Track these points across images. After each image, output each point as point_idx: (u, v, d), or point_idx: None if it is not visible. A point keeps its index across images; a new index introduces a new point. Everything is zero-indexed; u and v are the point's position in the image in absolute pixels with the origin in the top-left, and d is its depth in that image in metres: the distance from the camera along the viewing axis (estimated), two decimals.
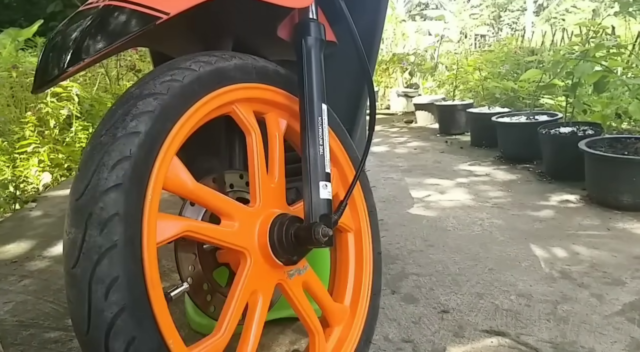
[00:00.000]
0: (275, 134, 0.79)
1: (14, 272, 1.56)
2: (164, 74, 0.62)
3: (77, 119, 2.66)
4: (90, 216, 0.52)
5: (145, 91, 0.60)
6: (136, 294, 0.52)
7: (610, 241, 1.64)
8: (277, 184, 0.77)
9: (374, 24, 1.07)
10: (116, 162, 0.54)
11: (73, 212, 0.53)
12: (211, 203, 0.67)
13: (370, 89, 0.87)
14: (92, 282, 0.50)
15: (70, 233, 0.52)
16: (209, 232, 0.65)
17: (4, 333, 1.19)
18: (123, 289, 0.51)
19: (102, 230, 0.51)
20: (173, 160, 0.61)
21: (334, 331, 0.89)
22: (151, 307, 0.54)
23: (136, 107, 0.58)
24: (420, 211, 2.06)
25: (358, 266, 0.95)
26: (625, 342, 1.07)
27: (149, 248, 0.55)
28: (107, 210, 0.52)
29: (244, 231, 0.69)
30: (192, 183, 0.64)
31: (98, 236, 0.51)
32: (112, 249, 0.51)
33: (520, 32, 6.63)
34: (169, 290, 0.65)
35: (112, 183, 0.53)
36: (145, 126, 0.57)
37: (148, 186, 0.56)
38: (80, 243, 0.51)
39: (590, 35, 2.73)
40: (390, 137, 4.03)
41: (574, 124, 2.52)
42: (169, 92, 0.61)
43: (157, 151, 0.58)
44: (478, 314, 1.21)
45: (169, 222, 0.60)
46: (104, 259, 0.51)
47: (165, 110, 0.60)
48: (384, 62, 5.63)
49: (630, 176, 1.87)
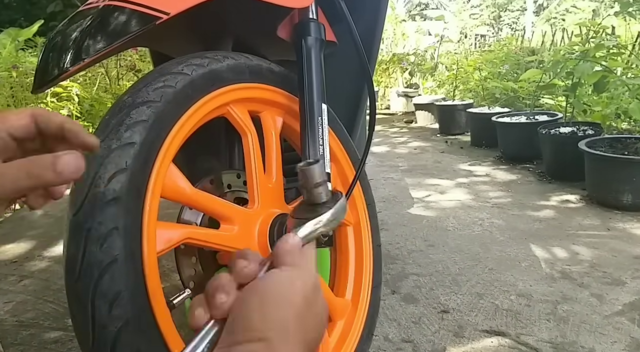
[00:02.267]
0: (271, 132, 0.78)
1: (13, 272, 1.56)
2: (156, 80, 0.61)
3: (77, 119, 2.66)
4: (89, 231, 0.51)
5: (138, 99, 0.58)
6: (139, 307, 0.52)
7: (610, 240, 1.64)
8: (274, 184, 0.77)
9: (374, 23, 1.07)
10: (112, 175, 0.53)
11: (71, 227, 0.52)
12: (210, 208, 0.67)
13: (370, 89, 0.87)
14: (95, 298, 0.50)
15: (69, 248, 0.52)
16: (208, 237, 0.65)
17: (4, 333, 1.19)
18: (126, 303, 0.51)
19: (101, 245, 0.51)
20: (170, 168, 0.60)
21: (336, 325, 0.90)
22: (155, 318, 0.54)
23: (130, 116, 0.57)
24: (420, 211, 2.06)
25: (358, 259, 0.96)
26: (626, 342, 1.07)
27: (149, 260, 0.54)
28: (106, 225, 0.51)
29: (244, 233, 0.69)
30: (189, 189, 0.63)
31: (98, 252, 0.50)
32: (113, 264, 0.51)
33: (520, 32, 6.64)
34: (170, 297, 0.65)
35: (109, 197, 0.52)
36: (140, 136, 0.56)
37: (146, 197, 0.56)
38: (81, 259, 0.50)
39: (591, 35, 2.73)
40: (390, 137, 4.03)
41: (574, 124, 2.52)
42: (163, 99, 0.59)
43: (154, 161, 0.57)
44: (478, 314, 1.21)
45: (168, 230, 0.60)
46: (106, 274, 0.50)
47: (160, 118, 0.58)
48: (384, 62, 5.63)
49: (630, 175, 1.87)
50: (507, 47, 4.55)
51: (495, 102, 3.65)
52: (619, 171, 1.92)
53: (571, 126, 2.48)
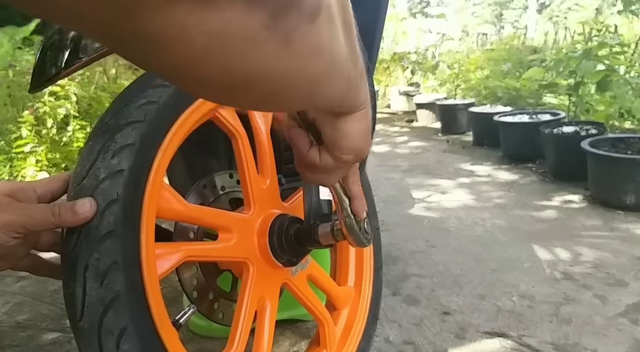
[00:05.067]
0: (261, 130, 0.76)
1: (11, 274, 1.55)
2: (137, 97, 0.57)
3: (75, 118, 2.65)
4: (87, 268, 0.50)
5: (121, 121, 0.55)
6: (147, 337, 0.52)
7: (613, 241, 1.63)
8: (269, 184, 0.75)
9: (374, 22, 1.05)
10: (104, 207, 0.51)
11: (68, 263, 0.51)
12: (206, 221, 0.66)
13: (371, 88, 0.86)
14: (101, 335, 0.49)
15: (69, 286, 0.51)
16: (208, 252, 0.65)
17: (1, 334, 1.18)
18: (133, 336, 0.50)
19: (102, 282, 0.50)
20: (161, 188, 0.58)
21: (341, 313, 0.90)
22: (164, 346, 0.54)
23: (114, 141, 0.54)
24: (421, 211, 2.05)
25: None
26: (629, 343, 1.06)
27: (152, 288, 0.53)
28: (104, 260, 0.50)
29: (243, 241, 0.68)
30: (184, 207, 0.62)
31: (99, 288, 0.49)
32: (115, 299, 0.50)
33: (523, 31, 6.62)
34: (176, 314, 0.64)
35: (104, 231, 0.50)
36: (128, 162, 0.53)
37: (141, 224, 0.54)
38: (82, 296, 0.49)
39: (593, 34, 2.71)
40: (391, 136, 4.01)
41: (576, 123, 2.50)
42: (147, 118, 0.56)
43: (145, 184, 0.55)
44: (480, 316, 1.20)
45: (167, 254, 0.59)
46: (109, 310, 0.49)
47: (146, 139, 0.55)
48: (384, 60, 5.61)
49: (633, 175, 1.86)
50: (509, 45, 4.52)
51: (497, 101, 3.63)
52: (622, 171, 1.91)
53: (574, 125, 2.47)
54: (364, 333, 0.91)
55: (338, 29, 0.30)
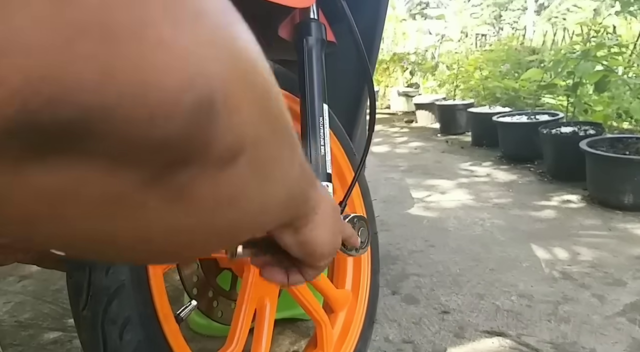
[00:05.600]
0: None
1: (12, 273, 1.56)
2: None
3: None
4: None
5: None
6: (150, 329, 0.52)
7: (611, 241, 1.63)
8: None
9: (374, 23, 1.06)
10: None
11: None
12: None
13: (371, 89, 0.86)
14: (105, 325, 0.49)
15: (73, 276, 0.51)
16: None
17: (3, 334, 1.19)
18: (136, 326, 0.51)
19: (107, 271, 0.50)
20: None
21: (338, 316, 0.91)
22: (166, 339, 0.54)
23: None
24: (420, 211, 2.05)
25: None
26: (627, 342, 1.07)
27: (156, 281, 0.54)
28: None
29: None
30: None
31: (104, 278, 0.50)
32: (120, 289, 0.50)
33: (521, 32, 6.63)
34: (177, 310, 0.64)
35: None
36: None
37: None
38: (87, 285, 0.50)
39: (592, 35, 2.72)
40: (391, 137, 4.02)
41: (575, 123, 2.51)
42: None
43: None
44: (479, 315, 1.21)
45: None
46: (114, 300, 0.50)
47: None
48: (384, 61, 5.62)
49: (631, 175, 1.87)
50: (508, 46, 4.53)
51: (496, 101, 3.64)
52: (620, 171, 1.92)
53: (572, 126, 2.48)
54: (361, 336, 0.91)
55: (272, 161, 0.23)
